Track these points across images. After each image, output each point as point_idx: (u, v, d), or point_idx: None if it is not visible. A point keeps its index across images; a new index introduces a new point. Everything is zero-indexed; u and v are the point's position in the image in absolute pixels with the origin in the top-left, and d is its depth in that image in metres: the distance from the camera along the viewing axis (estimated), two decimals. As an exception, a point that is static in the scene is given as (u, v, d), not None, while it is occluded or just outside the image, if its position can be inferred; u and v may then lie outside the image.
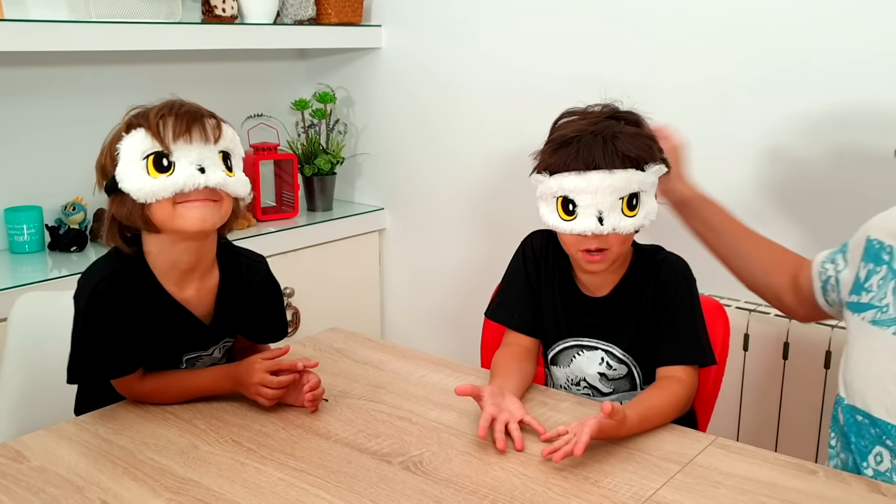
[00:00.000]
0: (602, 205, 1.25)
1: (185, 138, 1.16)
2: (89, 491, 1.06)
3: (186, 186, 1.15)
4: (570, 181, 1.26)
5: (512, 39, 2.28)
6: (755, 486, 1.07)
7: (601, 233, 1.26)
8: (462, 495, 1.05)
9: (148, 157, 1.15)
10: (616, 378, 1.39)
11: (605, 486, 1.07)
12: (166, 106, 1.19)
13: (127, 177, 1.15)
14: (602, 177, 1.25)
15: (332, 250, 2.54)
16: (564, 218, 1.28)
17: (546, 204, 1.31)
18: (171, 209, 1.16)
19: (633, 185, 1.26)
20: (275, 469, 1.12)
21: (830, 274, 1.32)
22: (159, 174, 1.14)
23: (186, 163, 1.15)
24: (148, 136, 1.15)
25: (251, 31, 2.31)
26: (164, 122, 1.16)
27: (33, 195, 2.17)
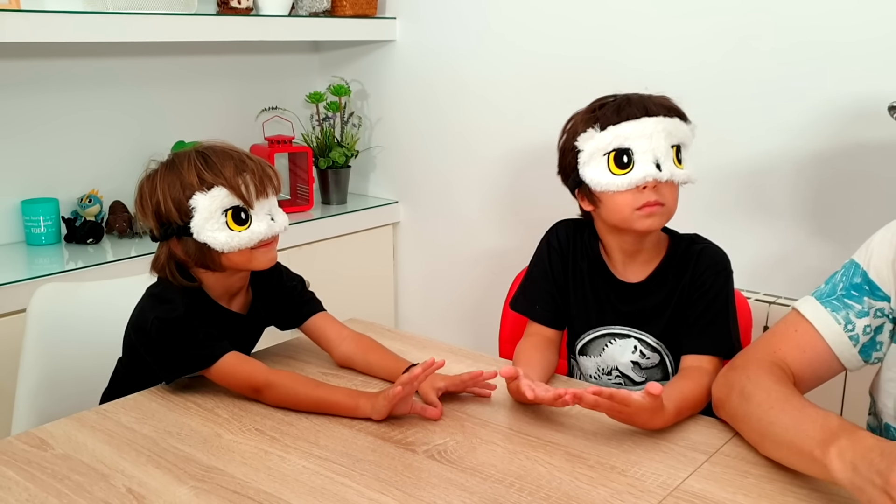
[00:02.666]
0: (658, 150, 1.27)
1: (263, 195, 1.29)
2: (114, 478, 1.06)
3: (266, 236, 1.29)
4: (624, 129, 1.27)
5: (527, 31, 2.27)
6: (784, 476, 1.05)
7: (660, 179, 1.27)
8: (488, 483, 1.04)
9: (227, 211, 1.26)
10: (649, 367, 1.38)
11: (631, 475, 1.06)
12: (232, 160, 1.28)
13: (208, 230, 1.25)
14: (656, 121, 1.27)
15: (347, 243, 2.53)
16: (618, 172, 1.27)
17: (594, 165, 1.29)
18: (249, 254, 1.29)
19: (680, 133, 1.29)
20: (299, 457, 1.11)
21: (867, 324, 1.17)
22: (240, 227, 1.27)
23: (262, 215, 1.29)
24: (231, 195, 1.26)
25: (266, 22, 2.30)
26: (243, 181, 1.27)
27: (50, 187, 2.18)
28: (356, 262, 2.57)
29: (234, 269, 1.31)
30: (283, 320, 1.46)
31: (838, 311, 1.20)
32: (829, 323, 1.19)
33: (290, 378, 1.27)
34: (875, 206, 1.79)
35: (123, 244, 2.15)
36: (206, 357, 1.27)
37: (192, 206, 1.25)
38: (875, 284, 1.19)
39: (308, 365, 1.43)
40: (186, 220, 1.25)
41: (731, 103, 1.95)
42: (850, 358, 1.19)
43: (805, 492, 1.02)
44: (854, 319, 1.19)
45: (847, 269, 1.22)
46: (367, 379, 1.38)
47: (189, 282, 1.31)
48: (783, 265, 1.95)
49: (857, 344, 1.19)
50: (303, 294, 1.46)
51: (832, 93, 1.82)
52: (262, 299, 1.42)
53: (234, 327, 1.36)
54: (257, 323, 1.43)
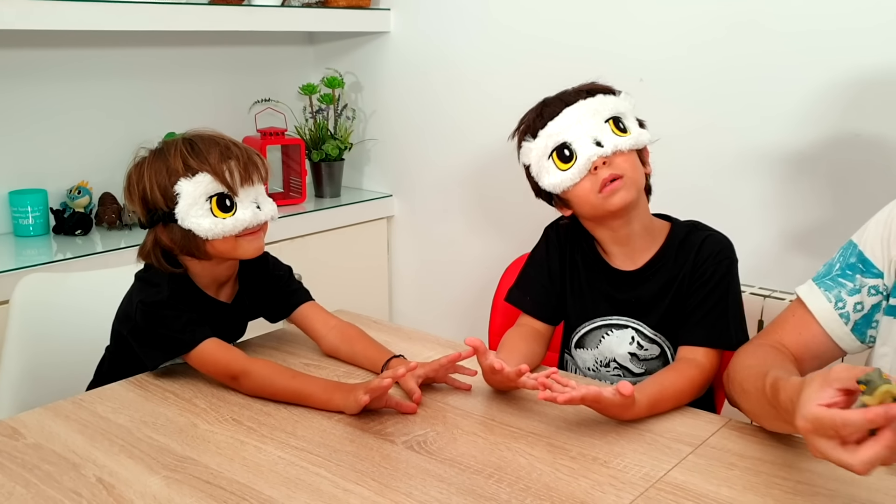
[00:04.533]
0: (593, 130, 1.27)
1: (248, 183, 1.28)
2: (85, 468, 1.04)
3: (251, 224, 1.28)
4: (551, 127, 1.30)
5: (523, 22, 2.24)
6: (770, 468, 1.03)
7: (605, 154, 1.26)
8: (467, 475, 1.02)
9: (211, 198, 1.25)
10: (648, 359, 1.36)
11: (614, 466, 1.04)
12: (218, 146, 1.28)
13: (192, 216, 1.25)
14: (577, 107, 1.29)
15: (340, 237, 2.51)
16: (566, 167, 1.28)
17: (545, 171, 1.31)
18: (234, 242, 1.28)
19: (608, 106, 1.29)
20: (275, 448, 1.09)
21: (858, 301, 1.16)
22: (224, 214, 1.26)
23: (248, 202, 1.28)
24: (214, 181, 1.25)
25: (259, 12, 2.28)
26: (227, 168, 1.26)
27: (38, 178, 2.16)
28: (350, 255, 2.55)
29: (220, 257, 1.30)
30: (271, 312, 1.45)
31: (830, 290, 1.20)
32: (820, 302, 1.20)
33: (267, 368, 1.25)
34: (873, 197, 1.76)
35: (112, 235, 2.14)
36: (187, 342, 1.26)
37: (177, 192, 1.24)
38: (869, 262, 1.18)
39: (291, 356, 1.41)
40: (171, 207, 1.25)
41: (728, 88, 1.92)
42: (842, 336, 1.18)
43: (791, 484, 0.99)
44: (845, 297, 1.19)
45: (844, 249, 1.23)
46: (351, 370, 1.36)
47: (175, 268, 1.30)
48: (779, 258, 1.92)
49: (847, 322, 1.18)
50: (290, 284, 1.45)
51: (831, 79, 1.79)
52: (249, 290, 1.41)
53: (218, 316, 1.35)
54: (242, 313, 1.42)
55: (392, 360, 1.32)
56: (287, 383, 1.22)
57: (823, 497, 0.97)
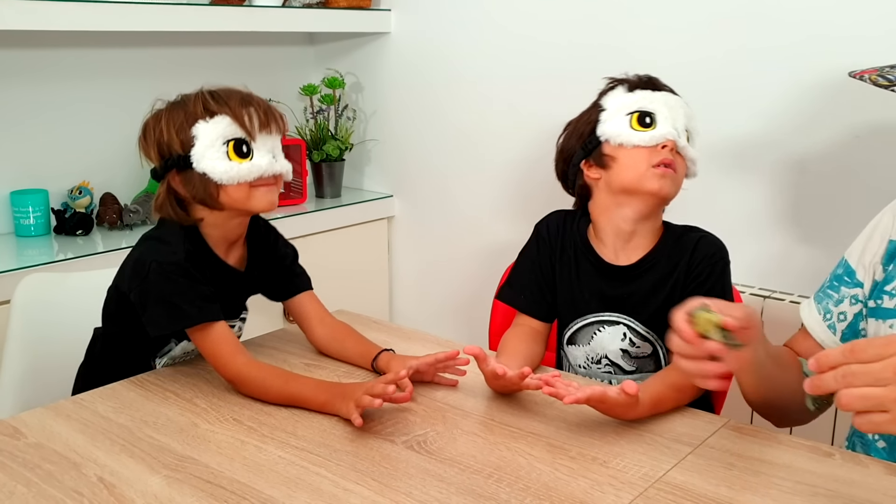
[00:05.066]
0: (677, 122, 1.33)
1: (266, 129, 1.27)
2: (86, 467, 1.04)
3: (266, 172, 1.26)
4: (650, 94, 1.34)
5: (523, 23, 2.25)
6: (769, 468, 1.03)
7: (679, 142, 1.32)
8: (466, 474, 1.02)
9: (228, 142, 1.23)
10: (640, 356, 1.36)
11: (613, 466, 1.04)
12: (239, 94, 1.28)
13: (208, 160, 1.23)
14: (678, 101, 1.36)
15: (341, 237, 2.51)
16: (640, 129, 1.32)
17: (617, 121, 1.34)
18: (248, 191, 1.25)
19: (691, 121, 1.36)
20: (275, 447, 1.09)
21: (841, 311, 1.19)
22: (241, 159, 1.24)
23: (264, 151, 1.26)
24: (234, 124, 1.24)
25: (259, 13, 2.28)
26: (247, 112, 1.25)
27: (39, 178, 2.16)
28: (350, 256, 2.55)
29: (233, 207, 1.27)
30: (272, 289, 1.44)
31: (821, 301, 1.25)
32: (813, 315, 1.24)
33: (261, 372, 1.23)
34: (874, 198, 1.76)
35: (113, 236, 2.14)
36: (193, 315, 1.24)
37: (194, 135, 1.24)
38: (853, 271, 1.21)
39: (292, 355, 1.42)
40: (187, 150, 1.24)
41: (729, 89, 1.93)
42: (832, 346, 1.20)
43: (790, 484, 1.00)
44: (831, 308, 1.22)
45: (839, 262, 1.26)
46: (351, 369, 1.36)
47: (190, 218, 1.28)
48: (779, 259, 1.92)
49: (835, 332, 1.22)
50: (294, 266, 1.45)
51: (832, 81, 1.79)
52: (257, 258, 1.39)
53: (228, 282, 1.33)
54: (250, 282, 1.40)
55: (382, 354, 1.32)
56: (280, 389, 1.21)
57: (823, 497, 0.97)
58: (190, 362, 1.37)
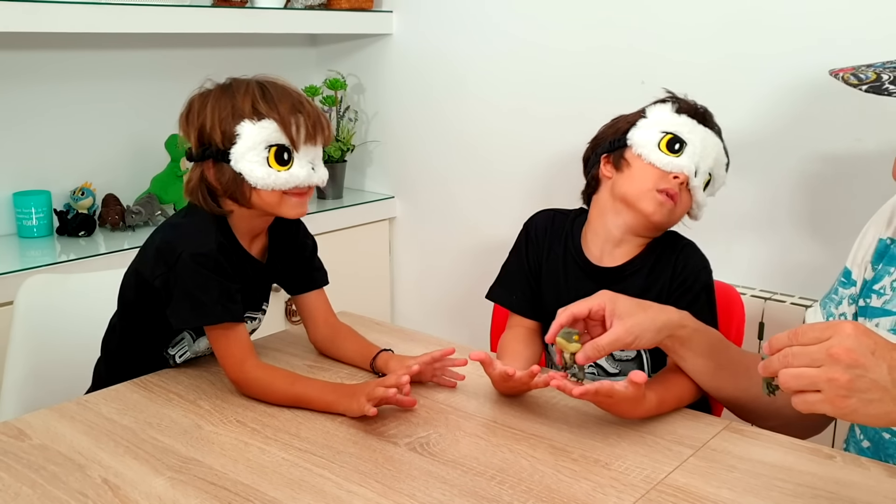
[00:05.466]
0: (703, 163, 1.34)
1: (312, 141, 1.24)
2: (90, 469, 1.04)
3: (303, 183, 1.23)
4: (695, 126, 1.34)
5: (525, 26, 2.25)
6: (770, 471, 1.04)
7: (692, 181, 1.32)
8: (469, 476, 1.03)
9: (271, 147, 1.21)
10: (624, 360, 1.37)
11: (615, 468, 1.05)
12: (290, 98, 1.23)
13: (247, 161, 1.20)
14: (717, 143, 1.36)
15: (342, 238, 2.52)
16: (665, 152, 1.32)
17: (649, 134, 1.34)
18: (280, 198, 1.23)
19: (721, 168, 1.37)
20: (279, 449, 1.10)
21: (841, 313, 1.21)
22: (280, 167, 1.21)
23: (305, 161, 1.23)
24: (279, 131, 1.21)
25: (261, 14, 2.29)
26: (296, 121, 1.21)
27: (42, 179, 2.17)
28: (352, 257, 2.55)
29: (263, 209, 1.26)
30: (291, 281, 1.42)
31: (826, 306, 1.26)
32: (818, 319, 1.25)
33: (269, 374, 1.23)
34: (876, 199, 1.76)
35: (116, 237, 2.14)
36: (217, 314, 1.23)
37: (238, 133, 1.20)
38: (849, 272, 1.23)
39: (295, 357, 1.42)
40: (228, 146, 1.21)
41: (730, 92, 1.93)
42: None
43: (791, 486, 1.00)
44: (833, 311, 1.24)
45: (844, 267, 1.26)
46: (353, 371, 1.36)
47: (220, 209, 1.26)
48: (780, 261, 1.93)
49: None
50: (314, 259, 1.44)
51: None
52: (279, 249, 1.37)
53: (252, 274, 1.32)
54: (271, 273, 1.39)
55: (381, 354, 1.33)
56: (286, 390, 1.21)
57: (824, 499, 0.97)
58: (194, 363, 1.38)
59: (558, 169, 2.22)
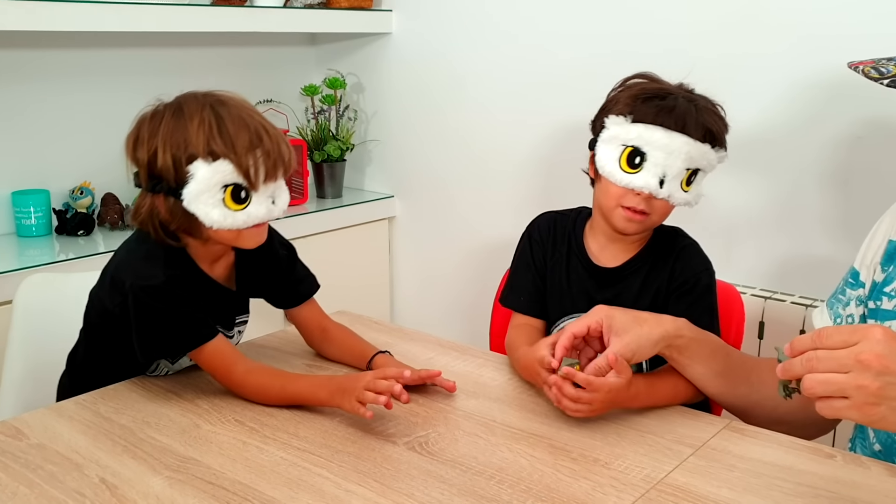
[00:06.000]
0: (670, 169, 1.25)
1: (272, 179, 1.16)
2: (88, 468, 1.04)
3: (263, 220, 1.18)
4: (653, 134, 1.24)
5: (525, 23, 2.25)
6: (771, 470, 1.03)
7: (657, 195, 1.26)
8: (468, 476, 1.02)
9: (227, 187, 1.14)
10: None
11: (615, 468, 1.04)
12: (248, 131, 1.14)
13: (202, 204, 1.13)
14: (686, 142, 1.24)
15: (342, 238, 2.51)
16: (625, 169, 1.26)
17: (609, 149, 1.28)
18: (237, 233, 1.17)
19: (703, 160, 1.27)
20: (277, 448, 1.09)
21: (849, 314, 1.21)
22: (237, 206, 1.14)
23: (264, 197, 1.17)
24: (236, 172, 1.13)
25: (261, 13, 2.29)
26: (254, 161, 1.13)
27: (41, 178, 2.17)
28: (351, 256, 2.55)
29: (219, 243, 1.21)
30: (275, 297, 1.38)
31: (833, 307, 1.25)
32: (825, 320, 1.25)
33: (261, 378, 1.21)
34: (876, 198, 1.76)
35: (115, 236, 2.14)
36: (188, 343, 1.20)
37: (191, 173, 1.11)
38: (857, 273, 1.22)
39: (294, 356, 1.41)
40: (180, 184, 1.12)
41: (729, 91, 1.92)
42: None
43: (791, 486, 1.00)
44: (841, 312, 1.23)
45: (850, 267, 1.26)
46: (351, 371, 1.35)
47: (173, 241, 1.20)
48: (780, 260, 1.92)
49: None
50: (295, 269, 1.38)
51: (836, 80, 1.79)
52: (249, 269, 1.31)
53: (219, 300, 1.28)
54: (245, 296, 1.35)
55: (377, 357, 1.31)
56: (280, 392, 1.19)
57: (824, 499, 0.97)
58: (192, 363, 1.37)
59: (556, 168, 2.22)
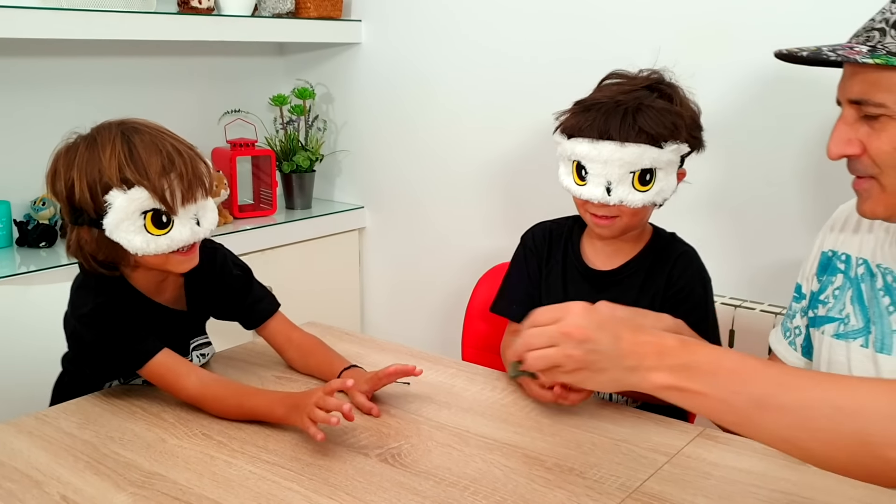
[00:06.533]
0: (611, 175, 1.27)
1: (190, 200, 1.16)
2: (48, 485, 1.00)
3: (188, 243, 1.18)
4: (582, 147, 1.28)
5: (494, 34, 2.25)
6: (745, 477, 1.03)
7: (607, 202, 1.28)
8: (441, 487, 1.00)
9: (147, 213, 1.14)
10: None
11: (590, 477, 1.03)
12: (159, 155, 1.14)
13: (123, 231, 1.13)
14: (613, 148, 1.26)
15: (311, 249, 2.49)
16: (577, 182, 1.31)
17: (563, 165, 1.34)
18: (165, 258, 1.18)
19: (645, 160, 1.26)
20: (246, 462, 1.07)
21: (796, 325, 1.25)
22: (160, 230, 1.15)
23: (186, 219, 1.17)
24: (152, 198, 1.13)
25: (229, 22, 2.26)
26: (168, 184, 1.13)
27: (1, 189, 2.11)
28: (321, 267, 2.52)
29: (150, 268, 1.21)
30: (236, 317, 1.38)
31: (784, 324, 1.30)
32: (778, 338, 1.31)
33: (217, 393, 1.19)
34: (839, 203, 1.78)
35: (78, 248, 2.09)
36: (132, 361, 1.19)
37: (108, 203, 1.12)
38: (799, 286, 1.27)
39: (263, 368, 1.39)
40: (100, 214, 1.13)
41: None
42: (795, 362, 1.26)
43: (766, 493, 0.99)
44: (789, 325, 1.28)
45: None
46: (322, 384, 1.33)
47: (108, 270, 1.20)
48: (750, 269, 1.93)
49: (795, 348, 1.27)
50: (252, 290, 1.37)
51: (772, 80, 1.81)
52: (198, 287, 1.31)
53: (169, 323, 1.26)
54: (194, 317, 1.34)
55: (346, 371, 1.28)
56: (237, 407, 1.17)
57: (799, 505, 0.97)
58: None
59: (528, 178, 2.22)
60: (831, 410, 0.77)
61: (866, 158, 1.00)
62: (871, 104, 0.97)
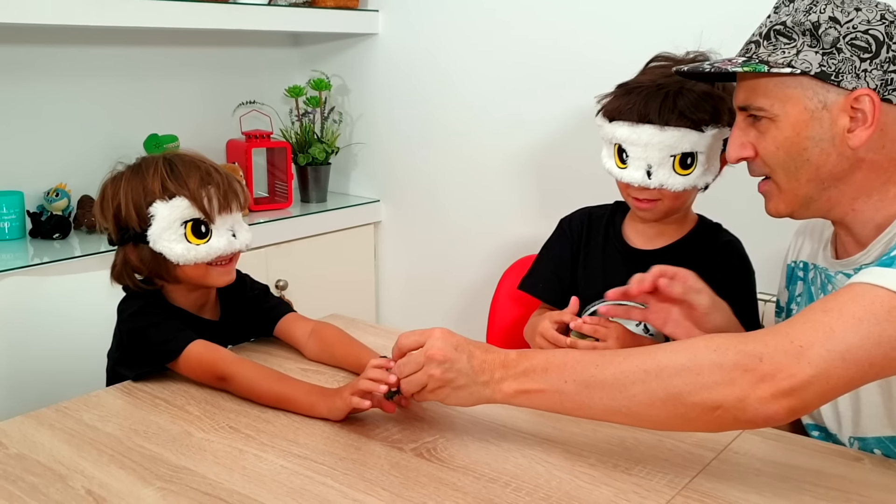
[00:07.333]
0: (651, 159, 1.26)
1: (226, 210, 1.25)
2: (72, 479, 0.96)
3: (224, 253, 1.26)
4: (622, 131, 1.28)
5: (513, 25, 2.21)
6: (798, 474, 0.99)
7: (647, 186, 1.28)
8: (482, 483, 0.96)
9: (187, 223, 1.23)
10: None
11: (636, 473, 0.99)
12: (198, 171, 1.25)
13: (165, 240, 1.22)
14: (652, 132, 1.25)
15: (327, 242, 2.45)
16: (619, 165, 1.31)
17: (606, 147, 1.34)
18: (205, 270, 1.26)
19: (685, 144, 1.25)
20: (276, 456, 1.02)
21: None
22: (199, 240, 1.23)
23: (224, 230, 1.26)
24: (192, 207, 1.22)
25: (244, 10, 2.22)
26: (206, 194, 1.23)
27: (14, 180, 2.08)
28: (336, 261, 2.48)
29: (190, 283, 1.28)
30: (255, 330, 1.42)
31: None
32: None
33: (253, 370, 1.20)
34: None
35: (91, 239, 2.05)
36: (172, 350, 1.22)
37: (152, 214, 1.21)
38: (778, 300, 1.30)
39: (287, 360, 1.35)
40: (144, 228, 1.22)
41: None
42: None
43: (822, 490, 0.95)
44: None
45: None
46: (350, 375, 1.29)
47: (149, 285, 1.29)
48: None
49: None
50: (268, 300, 1.43)
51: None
52: (231, 306, 1.38)
53: (205, 332, 1.28)
54: (228, 331, 1.37)
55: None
56: (273, 386, 1.17)
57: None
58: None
59: (546, 171, 2.17)
60: (641, 374, 0.91)
61: (759, 160, 1.08)
62: (753, 108, 1.06)
